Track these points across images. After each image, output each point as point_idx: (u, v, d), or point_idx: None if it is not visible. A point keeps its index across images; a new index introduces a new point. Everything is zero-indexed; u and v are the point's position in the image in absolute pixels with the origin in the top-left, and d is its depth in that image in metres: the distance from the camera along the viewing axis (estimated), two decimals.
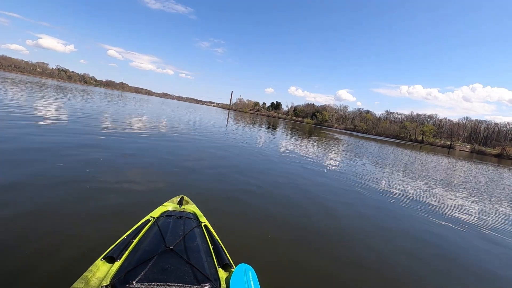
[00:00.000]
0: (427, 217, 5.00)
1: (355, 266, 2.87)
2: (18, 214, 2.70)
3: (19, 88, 21.93)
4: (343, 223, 4.11)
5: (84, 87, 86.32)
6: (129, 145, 6.88)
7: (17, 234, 2.39)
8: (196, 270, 1.46)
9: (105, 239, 2.10)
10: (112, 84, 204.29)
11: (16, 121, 7.36)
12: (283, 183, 5.81)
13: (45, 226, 2.56)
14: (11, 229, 2.45)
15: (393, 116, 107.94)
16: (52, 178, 3.74)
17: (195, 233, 1.89)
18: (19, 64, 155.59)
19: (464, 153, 52.25)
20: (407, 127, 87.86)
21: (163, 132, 10.65)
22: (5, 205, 2.82)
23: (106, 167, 4.69)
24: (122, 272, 1.39)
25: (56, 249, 2.26)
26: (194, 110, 44.15)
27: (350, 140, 31.63)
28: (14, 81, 33.62)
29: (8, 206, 2.82)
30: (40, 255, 2.15)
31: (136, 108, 23.04)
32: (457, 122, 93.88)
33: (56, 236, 2.43)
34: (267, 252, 2.83)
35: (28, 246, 2.23)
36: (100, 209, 3.09)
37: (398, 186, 7.60)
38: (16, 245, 2.23)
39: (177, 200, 2.53)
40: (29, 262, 2.04)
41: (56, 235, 2.45)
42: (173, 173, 5.15)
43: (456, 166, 18.48)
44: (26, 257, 2.09)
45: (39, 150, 5.00)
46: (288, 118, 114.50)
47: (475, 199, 7.67)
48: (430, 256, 3.42)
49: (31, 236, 2.37)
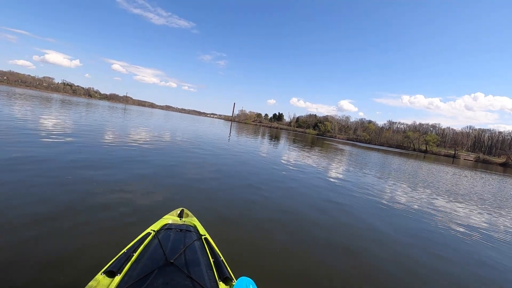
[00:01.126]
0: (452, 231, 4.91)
1: (362, 279, 2.82)
2: (16, 225, 2.71)
3: (29, 103, 22.33)
4: (349, 234, 4.06)
5: (89, 100, 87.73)
6: (131, 157, 6.92)
7: (14, 248, 2.38)
8: (197, 284, 1.44)
9: (106, 253, 2.10)
10: (116, 97, 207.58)
11: (25, 133, 7.46)
12: (285, 195, 5.76)
13: (43, 242, 2.54)
14: (10, 242, 2.46)
15: (396, 125, 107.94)
16: (53, 191, 3.76)
17: (195, 246, 1.88)
18: (26, 79, 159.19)
19: (469, 163, 51.73)
20: (410, 137, 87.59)
21: (166, 144, 10.71)
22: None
23: (108, 180, 4.71)
24: (123, 286, 1.38)
25: (55, 264, 2.23)
26: (197, 122, 44.46)
27: (353, 150, 31.51)
28: (21, 96, 34.27)
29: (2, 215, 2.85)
30: (39, 271, 2.12)
31: (140, 121, 23.26)
32: (461, 131, 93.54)
33: (55, 251, 2.42)
34: (268, 265, 2.80)
35: (26, 261, 2.22)
36: (100, 222, 3.09)
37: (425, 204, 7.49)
38: (12, 260, 2.22)
39: (177, 212, 2.51)
40: (28, 277, 2.02)
41: (55, 250, 2.43)
42: (174, 185, 5.15)
43: (473, 178, 18.28)
44: (24, 273, 2.07)
45: (42, 162, 5.06)
46: (291, 129, 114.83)
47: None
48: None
49: (28, 252, 2.36)
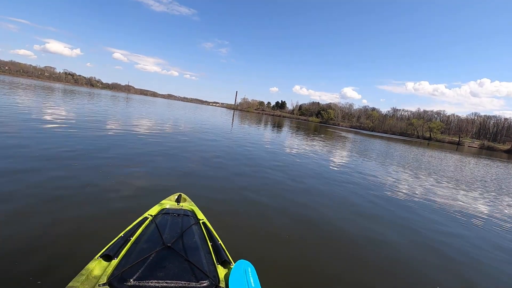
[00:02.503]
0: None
1: (355, 261, 2.88)
2: (16, 211, 2.77)
3: (33, 93, 22.38)
4: (345, 217, 4.14)
5: (90, 90, 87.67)
6: (135, 144, 6.99)
7: (12, 231, 2.43)
8: (195, 267, 1.45)
9: (103, 238, 2.13)
10: (118, 86, 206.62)
11: (32, 124, 7.54)
12: (282, 180, 5.82)
13: (40, 226, 2.57)
14: (12, 225, 2.52)
15: (400, 113, 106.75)
16: (53, 176, 3.85)
17: (193, 230, 1.87)
18: (27, 69, 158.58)
19: (473, 149, 51.40)
20: (414, 124, 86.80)
21: (168, 132, 10.76)
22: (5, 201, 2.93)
23: (112, 165, 4.78)
24: (119, 270, 1.37)
25: (53, 247, 2.26)
26: (200, 111, 44.38)
27: (356, 137, 31.41)
28: (24, 86, 34.31)
29: (7, 202, 2.92)
30: (37, 253, 2.15)
31: (143, 110, 23.27)
32: (466, 118, 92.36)
33: (52, 235, 2.44)
34: (267, 248, 2.82)
35: (22, 244, 2.25)
36: (101, 207, 3.13)
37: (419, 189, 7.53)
38: (11, 242, 2.26)
39: (175, 197, 2.50)
40: (25, 260, 2.06)
41: (53, 234, 2.46)
42: (177, 172, 5.22)
43: (487, 165, 18.22)
44: (22, 255, 2.11)
45: (47, 151, 5.14)
46: (293, 117, 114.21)
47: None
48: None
49: (27, 235, 2.39)
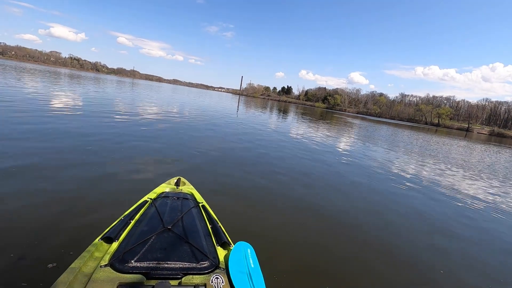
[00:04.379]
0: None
1: (353, 244, 2.99)
2: (20, 194, 2.87)
3: (45, 78, 22.67)
4: (343, 199, 4.35)
5: (96, 75, 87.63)
6: (143, 129, 7.25)
7: (14, 213, 2.50)
8: (195, 248, 1.47)
9: (104, 220, 2.21)
10: (124, 71, 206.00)
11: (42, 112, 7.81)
12: (281, 163, 6.00)
13: (41, 209, 2.63)
14: (12, 205, 2.63)
15: (408, 98, 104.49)
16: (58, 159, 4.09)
17: (192, 213, 1.90)
18: (33, 54, 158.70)
19: (482, 136, 50.56)
20: (423, 110, 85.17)
21: (177, 118, 10.99)
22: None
23: (126, 150, 5.05)
24: (121, 252, 1.39)
25: (53, 229, 2.32)
26: (206, 96, 44.34)
27: (361, 123, 31.21)
28: (32, 71, 34.57)
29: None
30: (38, 235, 2.21)
31: (150, 96, 23.46)
32: (476, 103, 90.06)
33: (52, 217, 2.50)
34: (266, 230, 2.92)
35: (26, 225, 2.34)
36: (104, 191, 3.22)
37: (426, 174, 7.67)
38: (13, 224, 2.34)
39: (174, 181, 2.51)
40: (27, 242, 2.13)
41: (53, 216, 2.52)
42: (186, 154, 5.48)
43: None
44: (25, 237, 2.18)
45: (51, 133, 5.41)
46: (299, 102, 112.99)
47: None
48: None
49: (27, 216, 2.47)
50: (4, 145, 4.24)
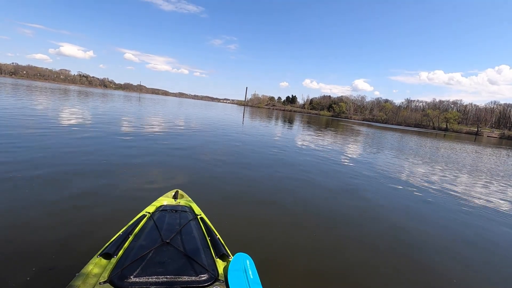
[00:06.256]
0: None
1: (356, 249, 2.95)
2: (15, 208, 2.84)
3: (58, 97, 23.25)
4: (343, 206, 4.24)
5: (104, 91, 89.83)
6: (153, 140, 7.27)
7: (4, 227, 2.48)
8: (194, 262, 1.47)
9: (103, 236, 2.15)
10: (130, 86, 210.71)
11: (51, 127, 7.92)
12: (280, 174, 5.86)
13: (36, 224, 2.60)
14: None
15: (414, 104, 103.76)
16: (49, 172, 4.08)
17: (191, 225, 1.89)
18: (44, 72, 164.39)
19: (493, 140, 49.50)
20: (430, 115, 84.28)
21: (183, 131, 11.05)
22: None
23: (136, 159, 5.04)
24: (120, 267, 1.38)
25: (52, 247, 2.26)
26: (211, 108, 44.75)
27: (368, 131, 30.92)
28: (42, 89, 35.52)
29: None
30: (36, 253, 2.15)
31: (156, 110, 23.72)
32: (484, 107, 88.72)
33: (51, 235, 2.45)
34: (265, 241, 2.88)
35: (21, 241, 2.30)
36: (101, 206, 3.17)
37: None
38: (8, 239, 2.32)
39: (172, 194, 2.51)
40: (23, 260, 2.08)
41: (51, 234, 2.47)
42: (191, 167, 5.42)
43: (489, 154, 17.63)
44: (19, 253, 2.14)
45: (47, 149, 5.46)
46: (304, 111, 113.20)
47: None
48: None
49: (23, 233, 2.44)
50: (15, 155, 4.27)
